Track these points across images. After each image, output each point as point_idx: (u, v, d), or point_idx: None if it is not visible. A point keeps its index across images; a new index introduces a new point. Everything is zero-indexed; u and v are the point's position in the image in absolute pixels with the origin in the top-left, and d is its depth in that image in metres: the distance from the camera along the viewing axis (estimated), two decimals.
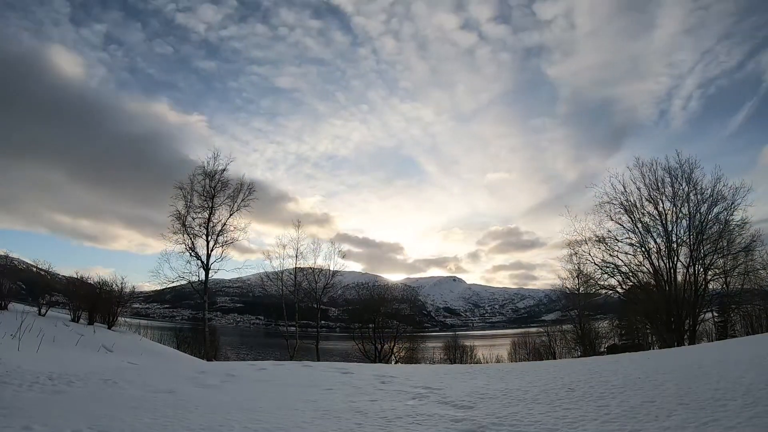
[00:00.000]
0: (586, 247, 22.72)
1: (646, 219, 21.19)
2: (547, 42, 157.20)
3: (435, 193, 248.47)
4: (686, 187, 20.54)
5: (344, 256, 28.29)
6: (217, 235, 22.57)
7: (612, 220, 21.82)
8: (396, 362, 27.05)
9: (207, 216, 22.55)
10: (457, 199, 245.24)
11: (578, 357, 24.95)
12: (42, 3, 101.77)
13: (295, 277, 27.26)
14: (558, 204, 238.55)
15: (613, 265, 22.08)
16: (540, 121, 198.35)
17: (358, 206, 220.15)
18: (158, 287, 25.20)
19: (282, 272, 27.91)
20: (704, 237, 20.14)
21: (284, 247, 26.75)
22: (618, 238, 21.95)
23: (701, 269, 20.26)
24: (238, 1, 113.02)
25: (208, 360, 20.52)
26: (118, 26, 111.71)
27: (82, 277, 23.40)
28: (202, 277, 22.53)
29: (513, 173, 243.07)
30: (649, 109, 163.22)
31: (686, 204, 20.48)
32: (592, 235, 22.44)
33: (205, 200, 22.71)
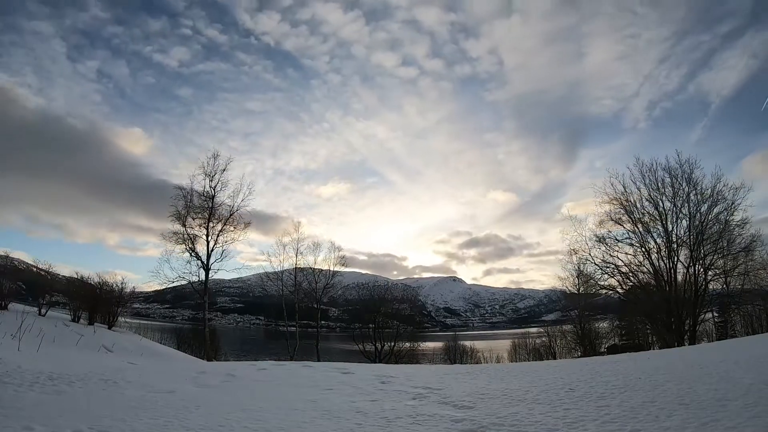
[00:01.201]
0: (586, 247, 22.73)
1: (646, 219, 21.20)
2: (480, 74, 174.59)
3: (406, 202, 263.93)
4: (686, 187, 20.54)
5: (344, 263, 28.38)
6: (217, 235, 22.58)
7: (612, 220, 21.83)
8: (396, 362, 27.05)
9: (207, 216, 22.55)
10: (427, 207, 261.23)
11: (578, 357, 24.94)
12: (42, 41, 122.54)
13: (295, 277, 27.27)
14: (527, 212, 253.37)
15: (613, 266, 22.08)
16: (492, 136, 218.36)
17: (336, 218, 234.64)
18: (158, 287, 25.19)
19: (282, 272, 27.93)
20: (704, 237, 20.12)
21: (284, 247, 26.80)
22: (618, 238, 21.97)
23: (701, 269, 20.25)
24: (201, 45, 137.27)
25: (208, 360, 20.51)
26: (107, 62, 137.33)
27: (82, 277, 23.42)
28: (202, 277, 22.54)
29: (478, 186, 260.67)
30: (599, 128, 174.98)
31: (686, 204, 20.48)
32: (592, 235, 22.47)
33: (205, 200, 22.72)
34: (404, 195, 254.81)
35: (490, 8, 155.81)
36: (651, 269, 21.11)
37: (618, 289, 22.92)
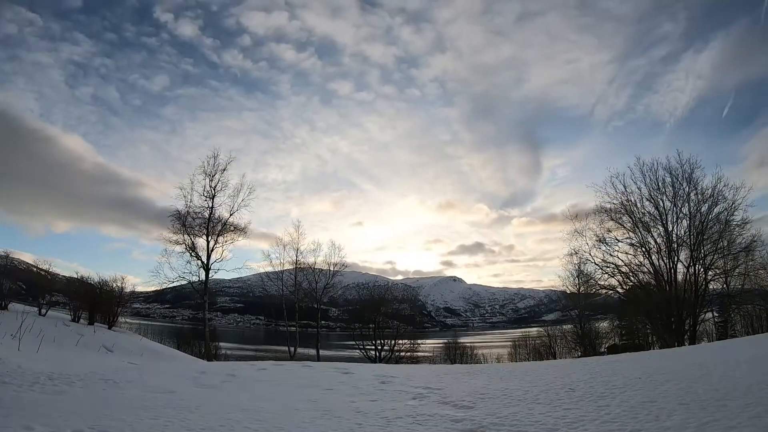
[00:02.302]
0: (587, 247, 22.72)
1: (647, 219, 21.16)
2: (429, 97, 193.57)
3: (381, 210, 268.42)
4: (687, 187, 20.51)
5: (344, 265, 28.43)
6: (218, 235, 22.57)
7: (612, 219, 21.80)
8: (396, 362, 27.05)
9: (207, 216, 22.56)
10: (402, 215, 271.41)
11: (578, 357, 24.93)
12: (41, 70, 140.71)
13: (296, 277, 27.23)
14: (504, 218, 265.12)
15: (613, 265, 22.05)
16: (453, 150, 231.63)
17: (319, 225, 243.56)
18: (158, 287, 25.14)
19: (282, 272, 27.90)
20: (705, 237, 20.10)
21: (284, 247, 26.79)
22: (618, 238, 21.95)
23: (701, 269, 20.22)
24: (177, 75, 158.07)
25: (208, 360, 20.52)
26: (99, 87, 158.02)
27: (82, 277, 23.42)
28: (203, 277, 22.54)
29: (449, 194, 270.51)
30: (556, 143, 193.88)
31: (687, 204, 20.45)
32: (592, 235, 22.45)
33: (205, 200, 22.72)
34: (381, 204, 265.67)
35: (424, 46, 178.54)
36: (651, 269, 21.09)
37: (618, 289, 22.90)
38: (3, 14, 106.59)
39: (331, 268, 27.68)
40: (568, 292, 28.60)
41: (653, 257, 20.94)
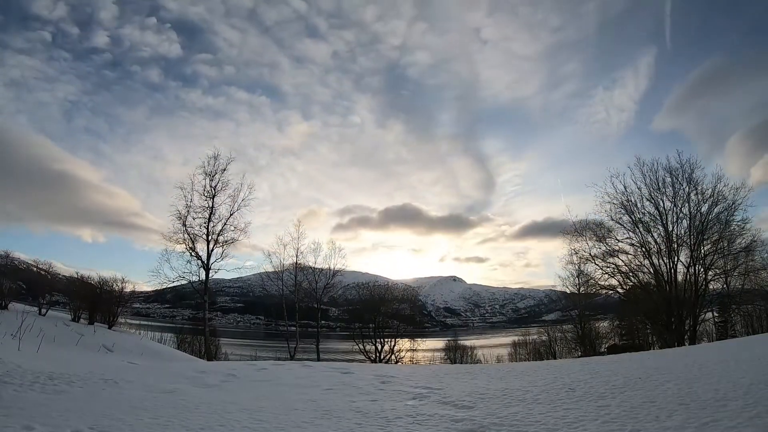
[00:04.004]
0: (587, 247, 22.73)
1: (647, 219, 21.18)
2: (367, 124, 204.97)
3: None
4: (687, 187, 20.52)
5: (344, 266, 28.47)
6: (218, 235, 22.57)
7: (612, 219, 21.82)
8: (396, 362, 27.04)
9: (207, 216, 22.55)
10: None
11: (579, 357, 24.93)
12: (42, 105, 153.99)
13: (296, 277, 27.23)
14: (464, 230, 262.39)
15: (613, 265, 22.08)
16: (403, 169, 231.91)
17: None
18: (158, 287, 25.15)
19: (282, 272, 27.88)
20: (705, 237, 20.11)
21: (285, 246, 26.79)
22: (618, 238, 21.96)
23: (702, 269, 20.23)
24: (151, 106, 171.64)
25: (208, 360, 20.52)
26: (90, 120, 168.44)
27: (82, 277, 23.43)
28: (203, 276, 22.52)
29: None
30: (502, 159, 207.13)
31: (687, 204, 20.47)
32: (592, 235, 22.46)
33: (206, 200, 22.71)
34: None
35: (351, 86, 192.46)
36: (651, 269, 21.10)
37: (618, 289, 22.94)
38: (7, 62, 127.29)
39: (332, 268, 27.72)
40: (568, 292, 28.62)
41: (653, 257, 20.97)
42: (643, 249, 21.21)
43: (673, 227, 20.68)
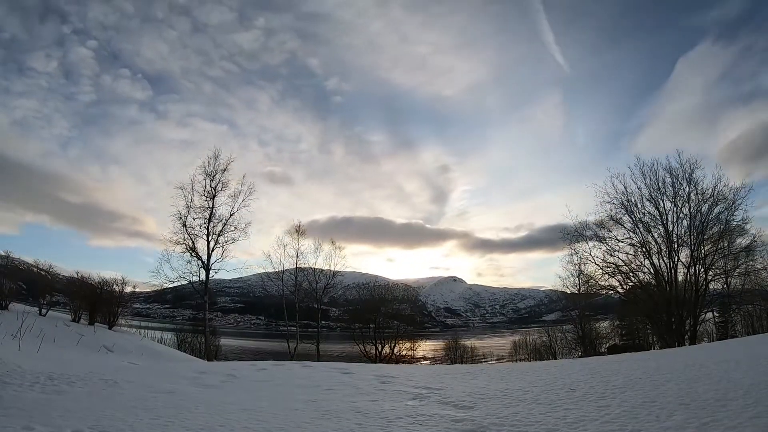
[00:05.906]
0: (587, 247, 22.73)
1: (647, 219, 21.19)
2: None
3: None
4: (687, 187, 20.53)
5: (344, 265, 28.47)
6: (218, 236, 22.58)
7: (613, 219, 21.82)
8: (396, 362, 27.04)
9: (207, 216, 22.56)
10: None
11: (579, 357, 24.93)
12: (47, 125, 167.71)
13: (296, 278, 27.27)
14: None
15: (613, 265, 22.06)
16: (357, 186, 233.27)
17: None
18: (158, 287, 25.16)
19: (282, 272, 27.90)
20: (705, 237, 20.11)
21: (285, 246, 26.80)
22: (618, 238, 21.96)
23: (702, 269, 20.22)
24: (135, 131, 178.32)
25: (208, 360, 20.52)
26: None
27: (82, 277, 23.42)
28: (203, 277, 22.54)
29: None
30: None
31: (687, 204, 20.47)
32: (592, 235, 22.46)
33: (206, 200, 22.72)
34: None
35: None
36: (651, 269, 21.10)
37: (618, 289, 22.91)
38: (11, 104, 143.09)
39: (332, 268, 27.73)
40: (569, 292, 28.61)
41: (653, 257, 20.96)
42: (644, 249, 21.22)
43: (673, 227, 20.70)
